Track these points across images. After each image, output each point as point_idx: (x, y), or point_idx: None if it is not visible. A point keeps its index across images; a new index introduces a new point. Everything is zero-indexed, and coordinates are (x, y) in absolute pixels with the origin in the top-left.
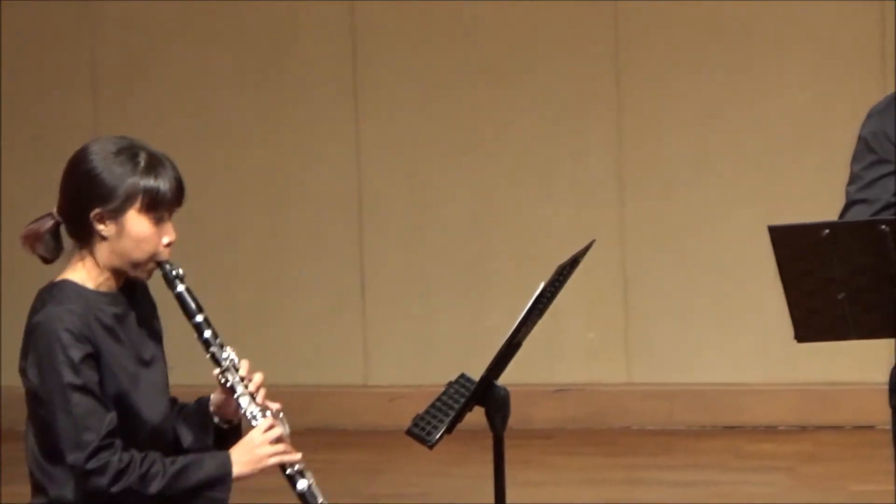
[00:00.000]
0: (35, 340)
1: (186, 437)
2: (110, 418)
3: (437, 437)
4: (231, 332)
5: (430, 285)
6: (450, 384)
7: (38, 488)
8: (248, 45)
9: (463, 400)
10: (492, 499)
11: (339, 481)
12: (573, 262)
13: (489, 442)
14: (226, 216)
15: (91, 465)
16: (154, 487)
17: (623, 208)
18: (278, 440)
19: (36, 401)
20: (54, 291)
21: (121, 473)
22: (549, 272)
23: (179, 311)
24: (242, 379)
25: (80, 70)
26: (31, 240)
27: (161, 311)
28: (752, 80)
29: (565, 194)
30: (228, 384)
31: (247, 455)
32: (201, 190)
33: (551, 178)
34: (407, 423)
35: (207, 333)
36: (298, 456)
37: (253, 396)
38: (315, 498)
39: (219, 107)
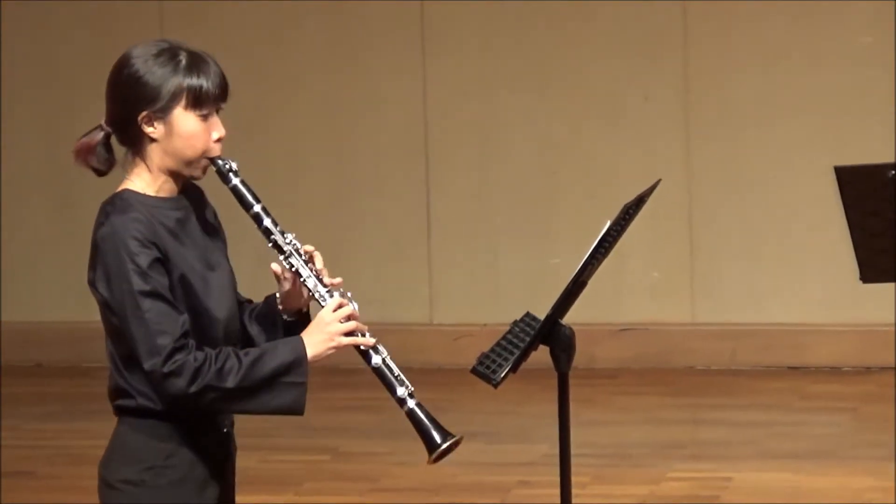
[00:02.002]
0: (102, 253)
1: (259, 338)
2: (183, 320)
3: (502, 375)
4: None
5: (495, 224)
6: (515, 323)
7: (121, 392)
8: None
9: (528, 339)
10: (556, 438)
11: (402, 419)
12: (639, 202)
13: (553, 381)
14: (292, 154)
15: (167, 367)
16: (231, 381)
17: (689, 149)
18: (349, 318)
19: (109, 312)
20: (116, 202)
21: (198, 372)
22: (615, 212)
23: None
24: (307, 262)
25: (146, 10)
26: (84, 153)
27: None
28: (816, 23)
29: (632, 134)
30: (294, 269)
31: (318, 335)
32: (266, 128)
33: (618, 118)
34: (472, 361)
35: (267, 221)
36: (369, 335)
37: (319, 278)
38: (391, 371)
39: (285, 46)
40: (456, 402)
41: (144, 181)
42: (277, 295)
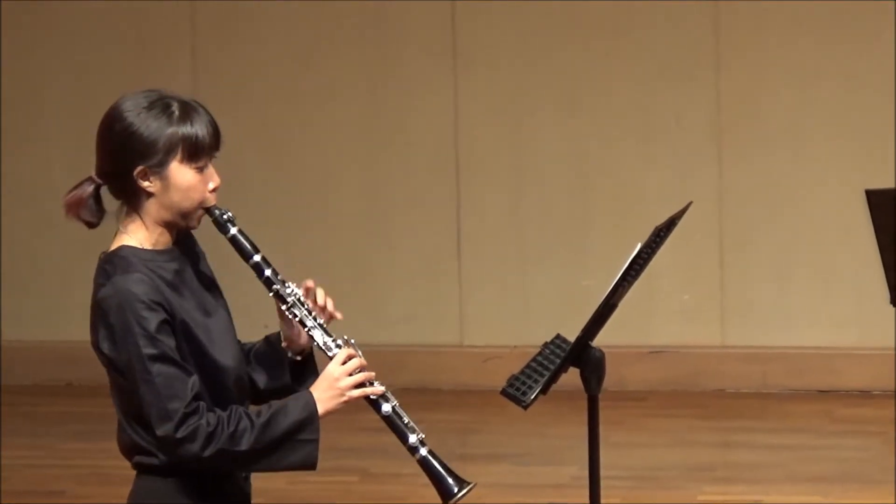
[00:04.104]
0: (105, 314)
1: (261, 378)
2: (192, 382)
3: (532, 397)
4: (326, 290)
5: (526, 245)
6: (545, 345)
7: (139, 449)
8: (347, 1)
9: (558, 361)
10: (585, 460)
11: (432, 441)
12: (670, 224)
13: (583, 403)
14: (323, 173)
15: (181, 433)
16: (245, 443)
17: (721, 170)
18: (358, 369)
19: (117, 373)
20: (116, 261)
21: (211, 436)
22: (646, 233)
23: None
24: (310, 311)
25: (179, 26)
26: (75, 206)
27: (224, 262)
28: (848, 43)
29: (663, 156)
30: (298, 319)
31: (329, 391)
32: (298, 146)
33: (649, 140)
34: (502, 383)
35: (268, 272)
36: (378, 384)
37: (324, 328)
38: (401, 419)
39: (317, 63)
40: (485, 423)
41: (142, 235)
42: (281, 333)
